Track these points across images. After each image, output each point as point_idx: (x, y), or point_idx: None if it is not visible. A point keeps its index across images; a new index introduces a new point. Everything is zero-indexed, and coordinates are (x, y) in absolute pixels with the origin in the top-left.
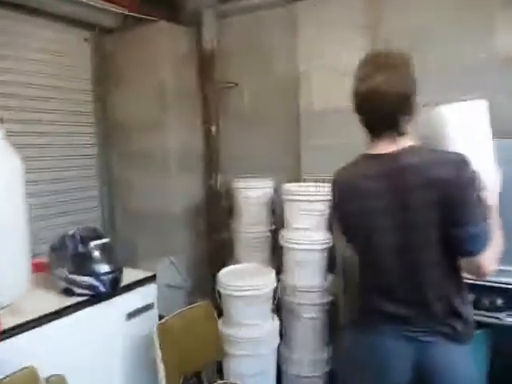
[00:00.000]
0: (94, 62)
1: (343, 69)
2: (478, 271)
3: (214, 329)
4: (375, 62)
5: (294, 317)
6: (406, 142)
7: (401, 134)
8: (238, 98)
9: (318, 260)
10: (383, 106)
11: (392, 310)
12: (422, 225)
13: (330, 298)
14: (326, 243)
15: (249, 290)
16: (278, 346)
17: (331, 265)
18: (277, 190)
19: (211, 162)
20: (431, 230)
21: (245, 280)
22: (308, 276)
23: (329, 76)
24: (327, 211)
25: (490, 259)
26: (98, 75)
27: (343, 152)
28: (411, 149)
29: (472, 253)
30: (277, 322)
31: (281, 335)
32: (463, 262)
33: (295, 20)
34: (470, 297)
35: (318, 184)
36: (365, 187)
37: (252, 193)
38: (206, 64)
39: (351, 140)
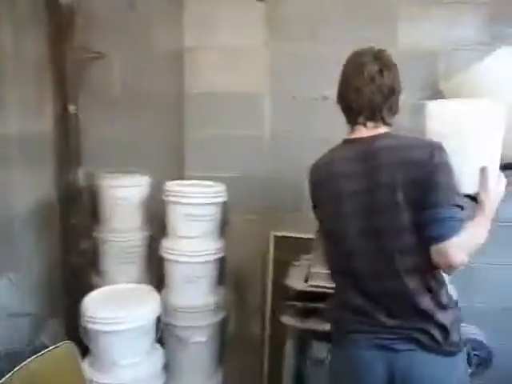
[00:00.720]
0: None
1: (237, 49)
2: (445, 261)
3: (78, 375)
4: (370, 55)
5: (181, 344)
6: (382, 130)
7: (384, 123)
8: (106, 73)
9: (209, 274)
10: (375, 96)
11: (361, 304)
12: (390, 207)
13: (222, 316)
14: (217, 253)
15: (126, 322)
16: None
17: (220, 276)
18: (156, 189)
19: (69, 152)
20: (400, 213)
21: (120, 308)
22: (197, 293)
23: (221, 56)
24: (218, 215)
25: (458, 249)
26: None
27: (235, 145)
28: (388, 134)
29: (437, 238)
30: (161, 355)
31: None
32: (432, 251)
33: None
34: None
35: (208, 183)
36: (338, 169)
37: (123, 192)
38: (61, 26)
39: (245, 131)
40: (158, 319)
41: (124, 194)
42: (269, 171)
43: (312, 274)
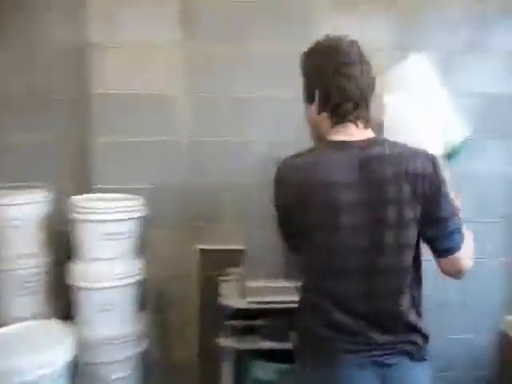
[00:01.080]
0: None
1: (149, 46)
2: (455, 270)
3: None
4: (352, 44)
5: (100, 383)
6: (369, 133)
7: (367, 121)
8: None
9: (129, 299)
10: (368, 88)
11: (350, 323)
12: (397, 222)
13: (146, 344)
14: (138, 275)
15: (31, 371)
16: None
17: (140, 300)
18: (58, 206)
19: None
20: (407, 229)
21: (23, 354)
22: (115, 323)
23: (130, 54)
24: (136, 231)
25: (466, 257)
26: None
27: (150, 152)
28: (377, 140)
29: (452, 249)
30: None
31: None
32: (441, 262)
33: None
34: None
35: (122, 195)
36: (327, 175)
37: (17, 211)
38: None
39: (160, 137)
40: (74, 360)
41: (18, 214)
42: (188, 179)
43: (248, 290)
